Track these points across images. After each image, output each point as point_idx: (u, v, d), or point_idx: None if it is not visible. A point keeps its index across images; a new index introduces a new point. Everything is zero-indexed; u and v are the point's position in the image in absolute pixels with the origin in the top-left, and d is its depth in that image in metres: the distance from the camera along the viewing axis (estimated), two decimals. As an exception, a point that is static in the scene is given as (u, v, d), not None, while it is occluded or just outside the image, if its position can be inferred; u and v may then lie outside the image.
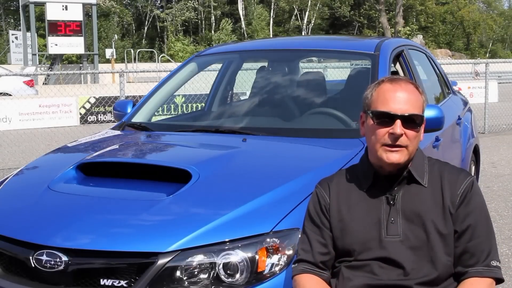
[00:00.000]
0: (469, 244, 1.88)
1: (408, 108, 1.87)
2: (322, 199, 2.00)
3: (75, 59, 39.34)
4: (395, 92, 1.89)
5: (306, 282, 1.93)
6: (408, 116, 1.86)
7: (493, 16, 64.01)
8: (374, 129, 1.90)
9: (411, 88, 1.92)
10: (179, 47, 48.45)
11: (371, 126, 1.91)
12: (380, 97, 1.90)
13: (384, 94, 1.90)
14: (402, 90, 1.89)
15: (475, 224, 1.89)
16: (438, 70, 4.92)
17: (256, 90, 3.97)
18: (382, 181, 1.94)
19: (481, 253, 1.88)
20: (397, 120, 1.85)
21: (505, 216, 5.39)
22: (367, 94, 1.97)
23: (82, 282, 2.07)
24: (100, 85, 19.28)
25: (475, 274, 1.86)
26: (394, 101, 1.87)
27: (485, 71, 12.47)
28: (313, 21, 55.33)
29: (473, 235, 1.88)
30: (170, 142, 3.22)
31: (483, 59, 24.11)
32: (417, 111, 1.89)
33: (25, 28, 25.68)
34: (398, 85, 1.90)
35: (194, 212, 2.21)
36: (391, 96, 1.89)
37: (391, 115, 1.86)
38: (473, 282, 1.85)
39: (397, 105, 1.87)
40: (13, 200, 2.55)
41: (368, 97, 1.95)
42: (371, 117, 1.91)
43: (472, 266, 1.87)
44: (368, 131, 1.94)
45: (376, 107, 1.90)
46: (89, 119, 14.81)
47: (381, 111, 1.88)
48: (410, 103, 1.88)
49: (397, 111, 1.86)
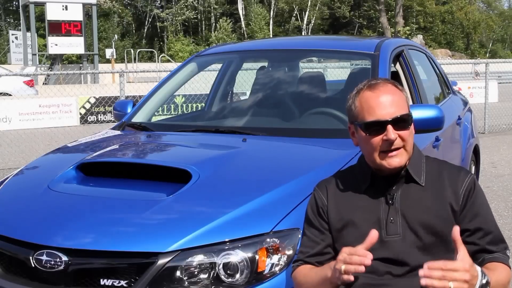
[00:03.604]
0: (482, 240, 1.88)
1: (395, 110, 1.86)
2: (320, 200, 2.01)
3: (75, 59, 39.35)
4: (377, 98, 1.87)
5: (301, 270, 1.94)
6: (397, 118, 1.85)
7: (492, 16, 64.01)
8: (368, 139, 1.89)
9: (391, 88, 1.90)
10: (179, 47, 48.46)
11: (364, 137, 1.90)
12: (364, 106, 1.88)
13: (367, 103, 1.88)
14: (384, 94, 1.88)
15: (485, 220, 1.90)
16: (438, 70, 4.92)
17: (256, 90, 3.97)
18: (380, 182, 1.94)
19: (497, 245, 1.88)
20: (388, 126, 1.84)
21: (505, 216, 5.39)
22: (350, 105, 1.95)
23: (82, 282, 2.07)
24: (100, 85, 19.28)
25: (496, 260, 1.85)
26: (380, 107, 1.86)
27: (485, 71, 12.47)
28: (313, 21, 55.32)
29: (486, 232, 1.88)
30: (170, 142, 3.21)
31: (483, 59, 24.13)
32: (404, 110, 1.88)
33: (25, 28, 25.70)
34: (378, 90, 1.89)
35: (194, 212, 2.21)
36: (375, 103, 1.87)
37: (381, 122, 1.85)
38: (498, 266, 1.84)
39: (384, 110, 1.85)
40: (13, 200, 2.55)
41: (352, 109, 1.93)
42: (361, 129, 1.90)
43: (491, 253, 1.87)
44: (362, 142, 1.93)
45: (363, 118, 1.88)
46: (89, 119, 14.82)
47: (370, 121, 1.87)
48: (395, 104, 1.87)
49: (385, 116, 1.85)
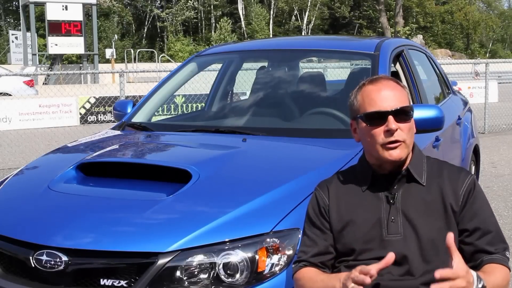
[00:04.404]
0: (480, 241, 1.88)
1: (396, 103, 1.89)
2: (321, 200, 2.01)
3: (75, 59, 39.34)
4: (379, 91, 1.91)
5: (305, 273, 1.94)
6: (398, 110, 1.88)
7: (492, 16, 63.99)
8: (369, 131, 1.90)
9: (393, 84, 1.94)
10: (179, 47, 48.46)
11: (365, 129, 1.92)
12: (366, 99, 1.92)
13: (369, 96, 1.91)
14: (386, 88, 1.91)
15: (484, 220, 1.90)
16: (438, 70, 4.92)
17: (256, 90, 3.97)
18: (381, 181, 1.94)
19: (496, 246, 1.88)
20: (389, 117, 1.87)
21: (505, 216, 5.39)
22: (352, 100, 1.98)
23: (82, 282, 2.07)
24: (100, 85, 19.27)
25: (494, 261, 1.85)
26: (381, 99, 1.89)
27: (485, 71, 12.47)
28: (313, 21, 55.32)
29: (484, 232, 1.89)
30: (170, 142, 3.21)
31: (483, 59, 24.12)
32: (405, 103, 1.91)
33: (25, 28, 25.69)
34: (380, 84, 1.93)
35: (194, 212, 2.20)
36: (376, 95, 1.90)
37: (382, 112, 1.88)
38: (495, 268, 1.84)
39: (385, 102, 1.89)
40: (13, 200, 2.54)
41: (354, 103, 1.96)
42: (363, 121, 1.92)
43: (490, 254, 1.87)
44: (363, 135, 1.95)
45: (365, 110, 1.91)
46: (89, 119, 14.81)
47: (372, 111, 1.89)
48: (396, 98, 1.90)
49: (387, 107, 1.88)
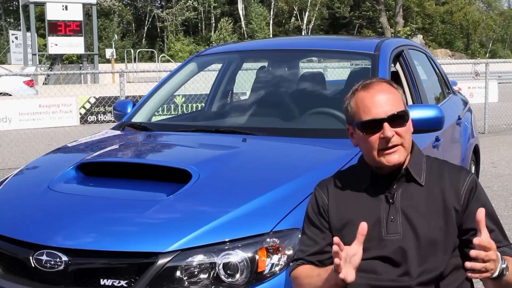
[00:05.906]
0: None
1: (390, 108, 1.87)
2: (321, 200, 2.01)
3: (75, 59, 39.33)
4: (372, 97, 1.89)
5: (302, 270, 1.94)
6: (393, 116, 1.87)
7: (492, 16, 63.99)
8: (365, 138, 1.90)
9: (386, 87, 1.92)
10: (179, 47, 48.45)
11: (361, 137, 1.92)
12: (360, 106, 1.91)
13: (363, 103, 1.90)
14: (378, 93, 1.89)
15: (489, 218, 1.87)
16: (438, 70, 4.92)
17: (256, 90, 3.97)
18: (381, 181, 1.95)
19: (501, 243, 1.86)
20: (384, 124, 1.86)
21: (505, 216, 5.39)
22: (346, 106, 1.98)
23: (82, 282, 2.07)
24: (100, 85, 19.27)
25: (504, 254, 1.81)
26: (375, 106, 1.88)
27: (485, 71, 12.47)
28: (313, 21, 55.31)
29: (490, 229, 1.85)
30: (170, 142, 3.21)
31: (483, 59, 24.12)
32: (400, 107, 1.90)
33: (25, 28, 25.69)
34: (372, 89, 1.91)
35: (194, 212, 2.20)
36: (370, 102, 1.89)
37: (377, 120, 1.86)
38: (508, 259, 1.79)
39: (379, 109, 1.87)
40: (13, 200, 2.55)
41: (349, 110, 1.96)
42: (358, 129, 1.92)
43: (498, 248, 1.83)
44: (360, 142, 1.95)
45: (360, 118, 1.90)
46: (89, 119, 14.81)
47: (366, 120, 1.88)
48: (390, 102, 1.88)
49: (381, 114, 1.86)
